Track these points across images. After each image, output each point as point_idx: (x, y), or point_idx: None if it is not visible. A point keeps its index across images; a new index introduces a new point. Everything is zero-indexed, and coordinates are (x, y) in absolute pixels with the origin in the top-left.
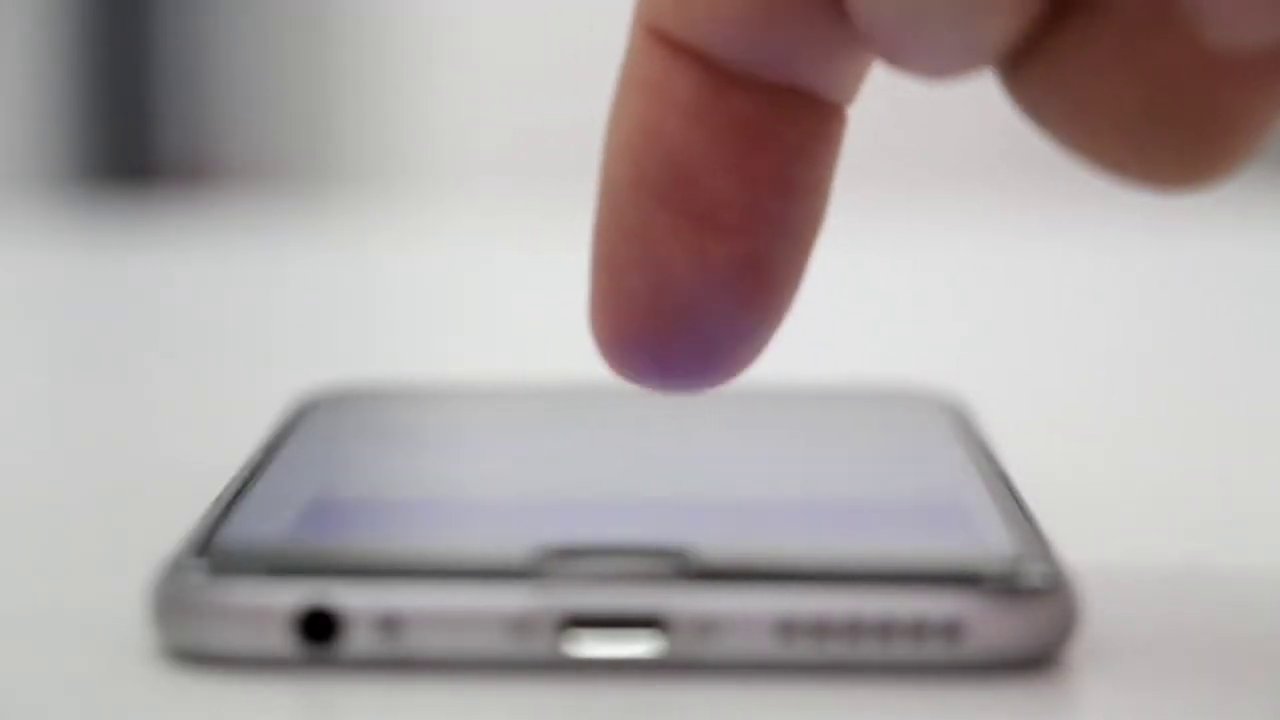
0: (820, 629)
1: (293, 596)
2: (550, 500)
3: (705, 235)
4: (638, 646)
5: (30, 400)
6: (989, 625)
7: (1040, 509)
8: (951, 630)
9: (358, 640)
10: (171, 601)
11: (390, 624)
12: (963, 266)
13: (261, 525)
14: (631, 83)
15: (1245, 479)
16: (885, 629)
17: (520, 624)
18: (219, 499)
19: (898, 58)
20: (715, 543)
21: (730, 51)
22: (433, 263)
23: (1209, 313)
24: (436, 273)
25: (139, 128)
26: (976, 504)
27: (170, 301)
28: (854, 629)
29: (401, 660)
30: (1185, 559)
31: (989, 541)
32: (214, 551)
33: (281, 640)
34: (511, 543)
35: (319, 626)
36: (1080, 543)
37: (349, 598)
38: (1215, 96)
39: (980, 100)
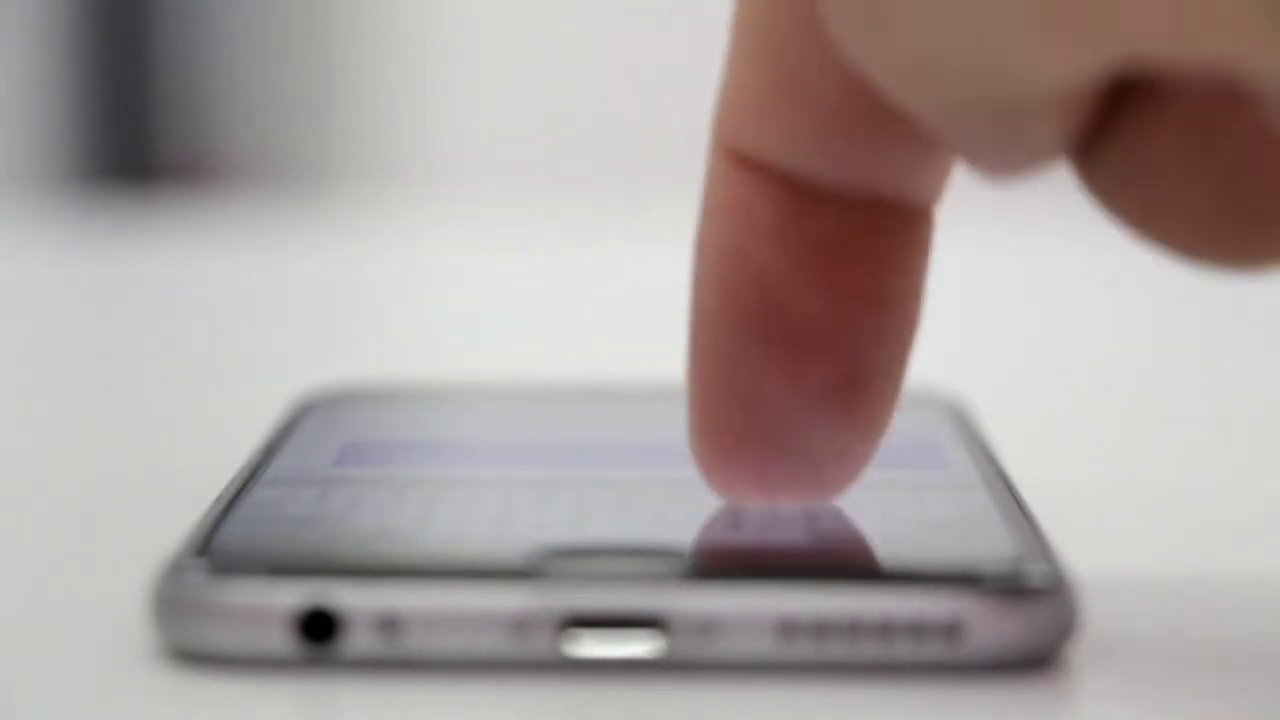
0: (820, 629)
1: (293, 596)
2: (550, 500)
3: (799, 358)
4: (638, 646)
5: (30, 400)
6: (989, 625)
7: (1040, 509)
8: (951, 630)
9: (358, 640)
10: (171, 601)
11: (390, 624)
12: (963, 267)
13: (261, 525)
14: (714, 207)
15: (1246, 479)
16: (885, 629)
17: (520, 624)
18: (219, 499)
19: (965, 159)
20: (715, 543)
21: (811, 169)
22: (432, 263)
23: (1210, 313)
24: (436, 273)
25: (139, 128)
26: (976, 504)
27: (170, 301)
28: (854, 629)
29: (401, 660)
30: (1185, 559)
31: (989, 541)
32: (214, 551)
33: (281, 640)
34: (511, 543)
35: (319, 626)
36: (1080, 543)
37: (349, 598)
38: None
39: None
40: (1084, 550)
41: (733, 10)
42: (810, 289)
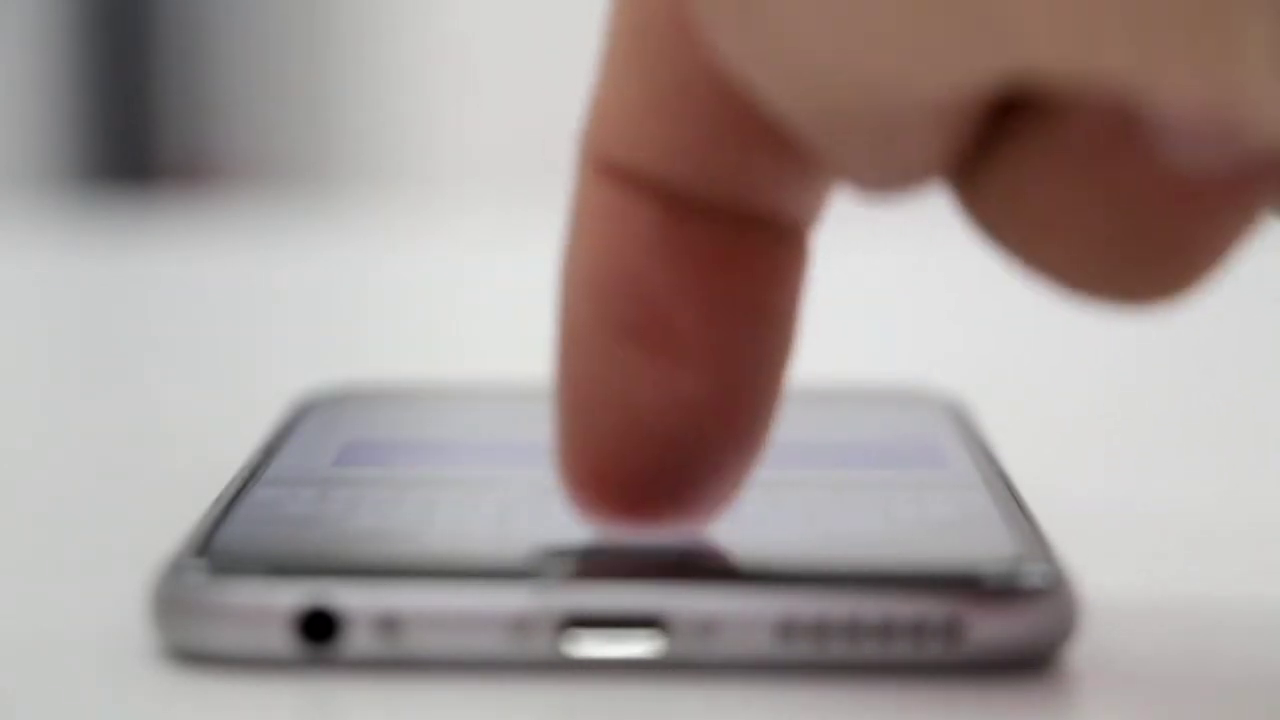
0: (820, 629)
1: (293, 596)
2: (550, 500)
3: (674, 369)
4: (638, 646)
5: (30, 400)
6: (989, 625)
7: (1040, 509)
8: (951, 630)
9: (358, 640)
10: (171, 601)
11: (390, 624)
12: (963, 266)
13: (261, 525)
14: (586, 218)
15: (1247, 482)
16: (885, 629)
17: (520, 624)
18: (219, 499)
19: (841, 177)
20: (715, 543)
21: (686, 183)
22: (432, 263)
23: (1211, 315)
24: (436, 273)
25: (139, 128)
26: (976, 504)
27: (170, 301)
28: (854, 629)
29: (401, 660)
30: (1185, 560)
31: (989, 541)
32: (214, 551)
33: (281, 640)
34: (511, 543)
35: (319, 626)
36: (1080, 543)
37: (349, 598)
38: (1177, 217)
39: None
40: (1084, 551)
41: (606, 19)
42: (686, 300)
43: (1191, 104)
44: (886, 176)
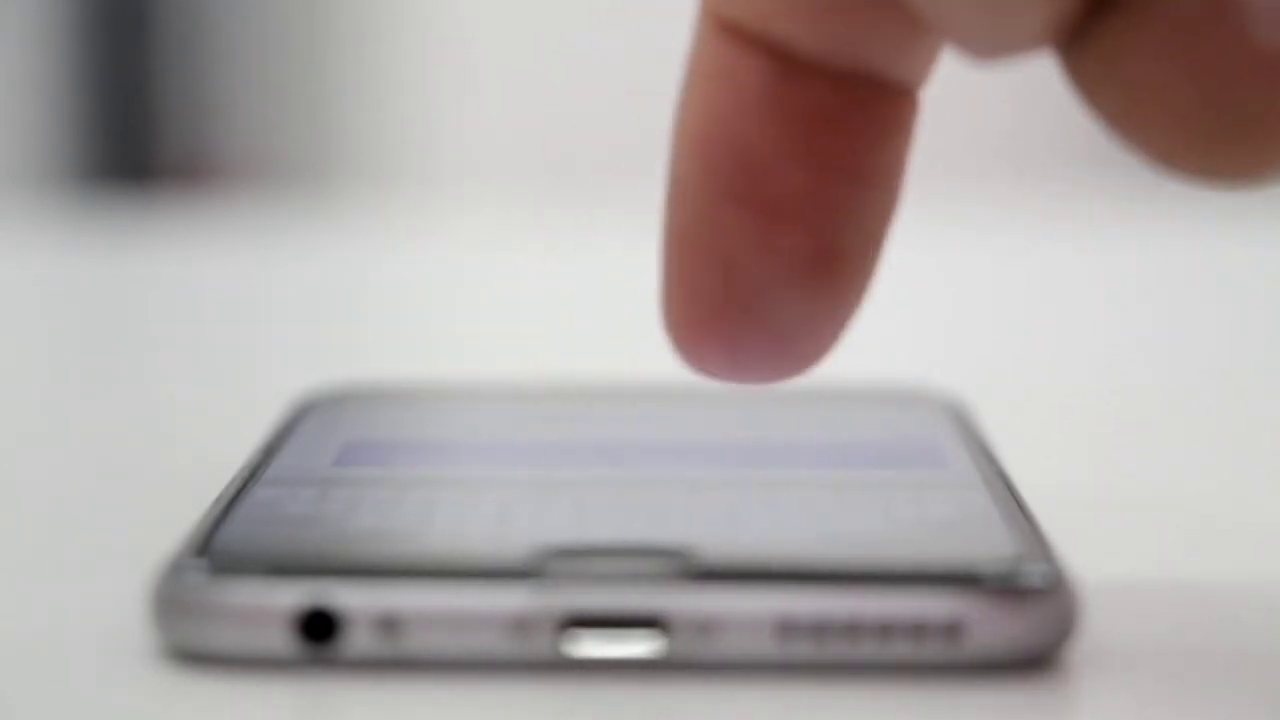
0: (820, 629)
1: (293, 596)
2: (550, 500)
3: (776, 227)
4: (638, 646)
5: (30, 400)
6: (989, 625)
7: (1040, 509)
8: (951, 630)
9: (358, 640)
10: (171, 601)
11: (390, 624)
12: (963, 266)
13: (261, 525)
14: (698, 75)
15: (1246, 480)
16: (885, 629)
17: (520, 624)
18: (219, 499)
19: (951, 40)
20: (715, 543)
21: (798, 39)
22: (432, 262)
23: (1212, 313)
24: (436, 272)
25: (139, 128)
26: (976, 504)
27: (170, 301)
28: (854, 629)
29: (401, 660)
30: (1185, 559)
31: (989, 541)
32: (214, 551)
33: (281, 640)
34: (511, 543)
35: (319, 626)
36: (1080, 543)
37: (349, 598)
38: (1264, 94)
39: (982, 101)
40: (1084, 550)
41: None
42: (791, 159)
43: None
44: (995, 41)
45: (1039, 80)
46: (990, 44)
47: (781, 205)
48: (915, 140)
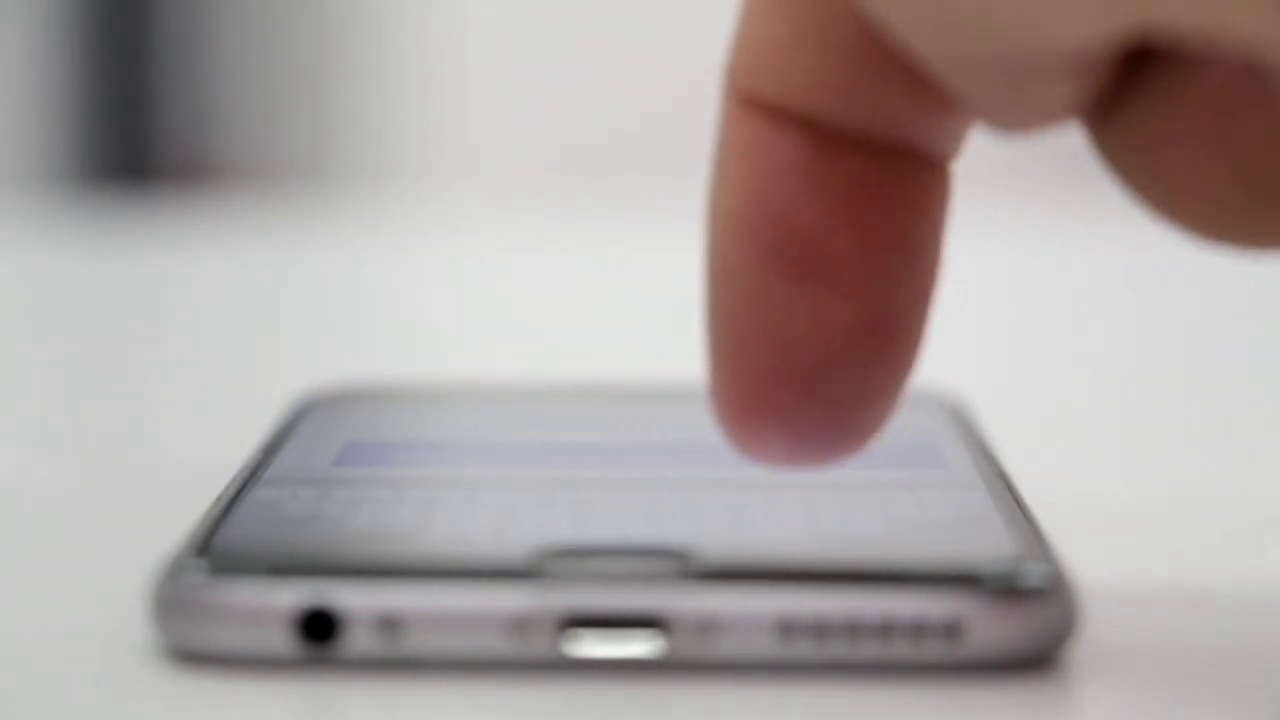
0: (820, 629)
1: (293, 596)
2: (550, 500)
3: (826, 298)
4: (638, 646)
5: (30, 400)
6: (989, 625)
7: (1040, 509)
8: (951, 630)
9: (358, 640)
10: (171, 601)
11: (390, 624)
12: (963, 267)
13: (261, 525)
14: (731, 152)
15: (1246, 481)
16: (885, 629)
17: (520, 624)
18: (219, 499)
19: (976, 116)
20: (715, 543)
21: (831, 114)
22: (432, 262)
23: (1213, 315)
24: (436, 272)
25: (139, 128)
26: (976, 504)
27: (170, 301)
28: (854, 629)
29: (401, 660)
30: (1185, 559)
31: (989, 541)
32: (214, 551)
33: (281, 640)
34: (511, 543)
35: (319, 626)
36: (1080, 543)
37: (349, 598)
38: None
39: None
40: (1084, 550)
41: None
42: (836, 228)
43: None
44: (1021, 117)
45: None
46: (1015, 120)
47: (832, 274)
48: (950, 211)
